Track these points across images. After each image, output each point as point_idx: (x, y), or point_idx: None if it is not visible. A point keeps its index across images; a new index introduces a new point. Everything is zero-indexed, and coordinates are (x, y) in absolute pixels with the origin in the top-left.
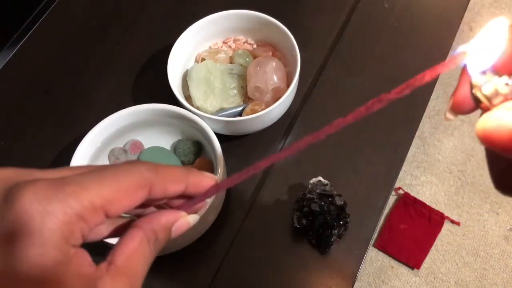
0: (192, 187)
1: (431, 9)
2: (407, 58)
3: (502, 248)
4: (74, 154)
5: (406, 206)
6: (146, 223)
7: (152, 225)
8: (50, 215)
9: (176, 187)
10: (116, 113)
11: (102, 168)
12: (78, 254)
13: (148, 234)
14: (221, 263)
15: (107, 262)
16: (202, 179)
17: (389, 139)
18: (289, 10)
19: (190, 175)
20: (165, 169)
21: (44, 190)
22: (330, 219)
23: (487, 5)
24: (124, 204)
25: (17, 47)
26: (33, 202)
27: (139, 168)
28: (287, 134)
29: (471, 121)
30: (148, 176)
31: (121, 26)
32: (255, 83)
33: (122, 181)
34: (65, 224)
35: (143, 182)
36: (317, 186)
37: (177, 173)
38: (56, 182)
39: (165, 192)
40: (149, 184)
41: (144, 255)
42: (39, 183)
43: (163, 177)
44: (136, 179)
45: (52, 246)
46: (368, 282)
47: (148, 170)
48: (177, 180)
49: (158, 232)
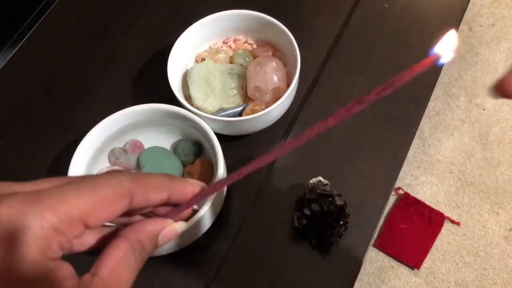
0: (176, 195)
1: (431, 9)
2: (407, 58)
3: (502, 248)
4: (74, 154)
5: (406, 206)
6: (131, 233)
7: (137, 234)
8: (25, 229)
9: (158, 195)
10: (116, 113)
11: (81, 179)
12: (57, 267)
13: (133, 244)
14: (221, 263)
15: (91, 273)
16: (186, 186)
17: (389, 139)
18: (289, 10)
19: (173, 183)
20: (146, 178)
21: (19, 204)
22: (330, 219)
23: (487, 5)
24: (103, 215)
25: (17, 47)
26: (8, 216)
27: (119, 178)
28: (287, 134)
29: (471, 121)
30: (128, 186)
31: (121, 26)
32: (255, 83)
33: (101, 192)
34: (42, 237)
35: (122, 192)
36: (317, 186)
37: (159, 181)
38: (32, 195)
39: (147, 201)
40: (129, 193)
41: (130, 265)
42: (15, 197)
43: (144, 186)
44: (115, 189)
45: (29, 260)
46: (368, 282)
47: (128, 179)
48: (159, 188)
49: (144, 242)
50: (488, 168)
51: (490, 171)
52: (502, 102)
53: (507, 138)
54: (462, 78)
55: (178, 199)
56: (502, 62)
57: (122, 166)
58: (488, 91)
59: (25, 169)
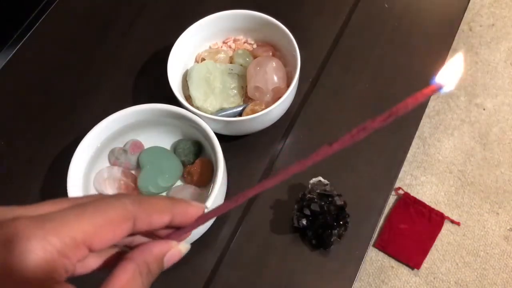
0: (178, 218)
1: (431, 9)
2: (407, 58)
3: (502, 248)
4: (74, 154)
5: (406, 206)
6: (138, 255)
7: (144, 257)
8: (30, 253)
9: (161, 218)
10: (116, 113)
11: (84, 203)
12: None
13: (140, 266)
14: (221, 263)
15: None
16: (188, 209)
17: (389, 139)
18: (289, 10)
19: (175, 206)
20: (149, 201)
21: (23, 229)
22: (330, 219)
23: (487, 5)
24: (107, 238)
25: (17, 47)
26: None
27: (122, 201)
28: (287, 134)
29: (471, 121)
30: (131, 209)
31: (121, 26)
32: (255, 83)
33: (104, 215)
34: (46, 261)
35: (126, 215)
36: (317, 186)
37: (162, 204)
38: (35, 220)
39: (150, 224)
40: (132, 216)
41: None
42: (18, 222)
43: (147, 209)
44: (119, 212)
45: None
46: (368, 282)
47: (131, 202)
48: (162, 211)
49: (150, 264)
50: (488, 168)
51: (490, 171)
52: (502, 102)
53: (507, 138)
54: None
55: (180, 222)
56: (502, 62)
57: (122, 166)
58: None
59: (25, 169)
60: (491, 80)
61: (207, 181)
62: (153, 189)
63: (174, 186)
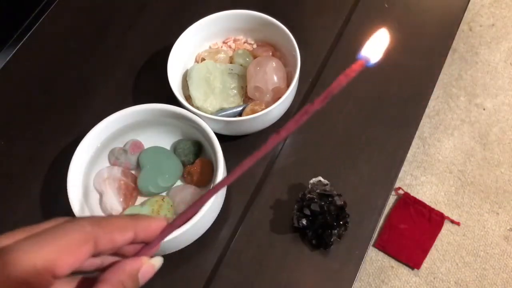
0: (141, 234)
1: (431, 9)
2: (407, 58)
3: (502, 248)
4: (74, 154)
5: (406, 206)
6: (112, 276)
7: (118, 276)
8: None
9: (123, 236)
10: (116, 113)
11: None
12: None
13: (115, 286)
14: (221, 263)
15: None
16: (151, 223)
17: (389, 139)
18: (289, 10)
19: (137, 222)
20: (109, 220)
21: None
22: (330, 219)
23: (487, 5)
24: (69, 262)
25: (17, 47)
26: None
27: (81, 224)
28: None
29: (471, 121)
30: (90, 230)
31: (121, 26)
32: (255, 83)
33: (63, 239)
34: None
35: (85, 237)
36: (317, 186)
37: (122, 222)
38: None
39: (112, 243)
40: (93, 237)
41: None
42: None
43: (107, 229)
44: (78, 235)
45: None
46: (368, 282)
47: (90, 224)
48: (122, 229)
49: (125, 282)
50: (488, 168)
51: (490, 171)
52: (502, 102)
53: (507, 138)
54: (462, 78)
55: (145, 238)
56: (502, 62)
57: (122, 166)
58: (488, 91)
59: (25, 169)
60: (491, 80)
61: (207, 181)
62: (153, 189)
63: (174, 186)
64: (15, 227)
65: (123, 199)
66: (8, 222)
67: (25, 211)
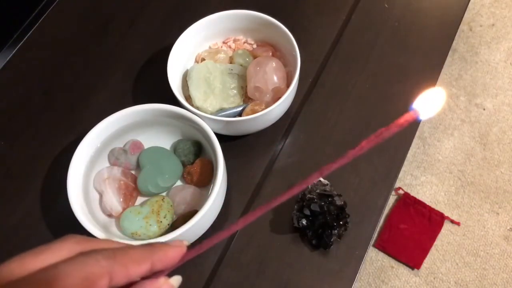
0: (158, 264)
1: (431, 9)
2: (407, 58)
3: (502, 248)
4: (74, 154)
5: (406, 206)
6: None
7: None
8: None
9: (139, 269)
10: (116, 113)
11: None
12: None
13: None
14: (221, 263)
15: None
16: (167, 252)
17: (389, 139)
18: (289, 10)
19: (154, 253)
20: (125, 253)
21: None
22: (330, 219)
23: (487, 5)
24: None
25: (17, 47)
26: None
27: (95, 258)
28: (287, 134)
29: (471, 121)
30: (105, 265)
31: (121, 26)
32: (255, 83)
33: (77, 275)
34: None
35: (100, 272)
36: (317, 186)
37: (139, 254)
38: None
39: (128, 277)
40: (107, 272)
41: None
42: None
43: (123, 262)
44: (92, 270)
45: None
46: (368, 282)
47: (105, 258)
48: (139, 261)
49: None
50: (488, 168)
51: (490, 171)
52: (502, 102)
53: (507, 138)
54: (462, 78)
55: (161, 267)
56: (502, 62)
57: (122, 166)
58: (488, 91)
59: (25, 169)
60: (491, 80)
61: (207, 181)
62: (153, 189)
63: (174, 186)
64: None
65: (123, 199)
66: (8, 222)
67: (25, 211)
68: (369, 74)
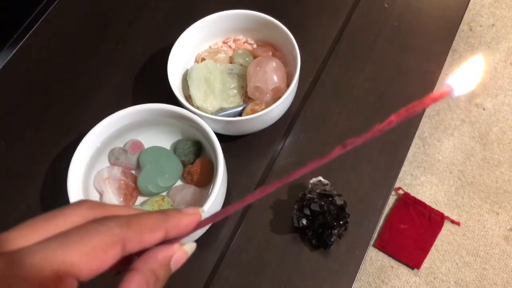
0: (173, 231)
1: (431, 9)
2: (407, 58)
3: (502, 248)
4: (74, 154)
5: (406, 206)
6: (143, 264)
7: (149, 265)
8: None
9: (153, 236)
10: (116, 113)
11: (69, 231)
12: None
13: (146, 276)
14: (220, 263)
15: None
16: (181, 220)
17: (389, 139)
18: (289, 10)
19: (168, 220)
20: (138, 220)
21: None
22: (330, 219)
23: (487, 5)
24: (94, 266)
25: (17, 47)
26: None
27: (108, 225)
28: (287, 134)
29: (471, 121)
30: (118, 232)
31: (121, 26)
32: (255, 83)
33: (89, 242)
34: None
35: (113, 240)
36: (317, 186)
37: (152, 221)
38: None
39: (142, 244)
40: (120, 240)
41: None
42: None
43: (136, 230)
44: (104, 238)
45: None
46: (368, 282)
47: (118, 225)
48: (153, 229)
49: (157, 271)
50: (488, 168)
51: (490, 171)
52: (502, 102)
53: (507, 138)
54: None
55: (176, 235)
56: (502, 62)
57: (122, 166)
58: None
59: (25, 169)
60: (491, 80)
61: (207, 181)
62: (153, 189)
63: (174, 186)
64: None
65: (123, 199)
66: (8, 222)
67: (25, 211)
68: (369, 74)
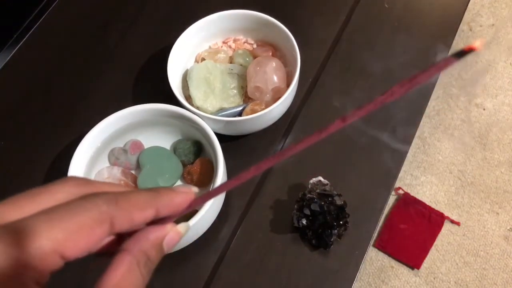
0: (164, 209)
1: (431, 9)
2: (407, 58)
3: (502, 248)
4: (74, 154)
5: (406, 206)
6: (134, 244)
7: (140, 245)
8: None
9: (143, 214)
10: (116, 113)
11: (54, 207)
12: None
13: (137, 257)
14: (221, 263)
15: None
16: (173, 198)
17: (389, 139)
18: (289, 10)
19: (158, 198)
20: (127, 197)
21: None
22: (330, 219)
23: (487, 5)
24: (80, 245)
25: (17, 47)
26: None
27: (95, 202)
28: (287, 134)
29: (471, 121)
30: (106, 209)
31: (121, 26)
32: (255, 83)
33: (75, 220)
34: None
35: (100, 217)
36: (317, 186)
37: (141, 198)
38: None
39: (131, 222)
40: (108, 217)
41: (135, 280)
42: None
43: (125, 207)
44: (91, 215)
45: None
46: (368, 282)
47: (106, 202)
48: (142, 206)
49: (148, 252)
50: (488, 168)
51: (490, 171)
52: (502, 102)
53: (507, 138)
54: (462, 78)
55: (168, 213)
56: (502, 62)
57: (122, 166)
58: (488, 91)
59: (25, 169)
60: (491, 80)
61: (207, 181)
62: None
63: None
64: None
65: None
66: None
67: None
68: (369, 74)
